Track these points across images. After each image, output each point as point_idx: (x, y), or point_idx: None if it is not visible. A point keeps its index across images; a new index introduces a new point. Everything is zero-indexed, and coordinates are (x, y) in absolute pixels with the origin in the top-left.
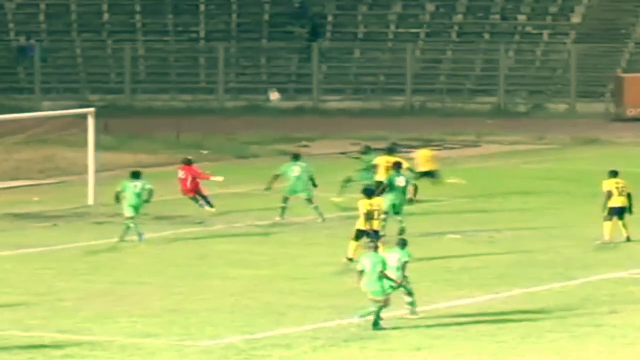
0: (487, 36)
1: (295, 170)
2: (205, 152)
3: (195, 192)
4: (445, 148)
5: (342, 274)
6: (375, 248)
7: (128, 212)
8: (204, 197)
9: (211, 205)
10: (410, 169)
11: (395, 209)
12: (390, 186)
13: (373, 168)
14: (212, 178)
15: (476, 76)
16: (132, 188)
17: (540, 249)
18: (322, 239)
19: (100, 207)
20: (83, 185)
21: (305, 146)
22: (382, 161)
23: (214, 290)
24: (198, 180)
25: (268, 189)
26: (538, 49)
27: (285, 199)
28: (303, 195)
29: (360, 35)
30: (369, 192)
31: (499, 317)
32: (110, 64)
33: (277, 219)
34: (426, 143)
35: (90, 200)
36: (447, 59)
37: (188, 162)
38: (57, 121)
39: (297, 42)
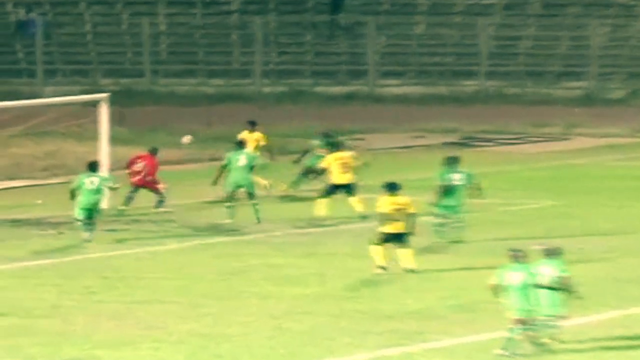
0: (575, 8)
1: (240, 159)
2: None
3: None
4: (526, 142)
5: (404, 291)
6: (523, 258)
7: (78, 214)
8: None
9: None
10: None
11: (452, 211)
12: (444, 185)
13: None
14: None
15: (563, 56)
16: (87, 184)
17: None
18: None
19: (116, 212)
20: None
21: (358, 139)
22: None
23: (251, 312)
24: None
25: (214, 183)
26: (637, 23)
27: (231, 197)
28: (244, 189)
29: (423, 8)
30: (392, 188)
31: (594, 345)
32: (125, 42)
33: (228, 221)
34: (498, 136)
35: (106, 204)
36: (527, 36)
37: (154, 152)
38: (63, 110)
39: (349, 15)
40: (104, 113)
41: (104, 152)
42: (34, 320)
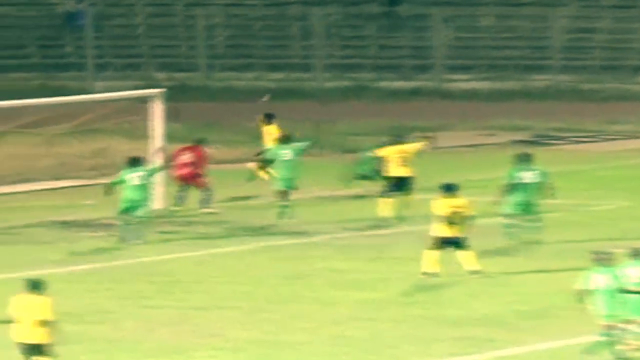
0: None
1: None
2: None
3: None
4: (601, 140)
5: (471, 296)
6: (608, 260)
7: (122, 211)
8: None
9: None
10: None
11: (524, 211)
12: (514, 182)
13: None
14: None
15: None
16: (130, 180)
17: None
18: (443, 254)
19: (170, 212)
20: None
21: (427, 137)
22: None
23: (313, 318)
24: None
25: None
26: None
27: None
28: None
29: None
30: (449, 189)
31: None
32: (180, 34)
33: (285, 221)
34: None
35: (159, 204)
36: (602, 28)
37: (201, 143)
38: (114, 106)
39: (414, 6)
40: (157, 109)
41: (156, 151)
42: (84, 327)
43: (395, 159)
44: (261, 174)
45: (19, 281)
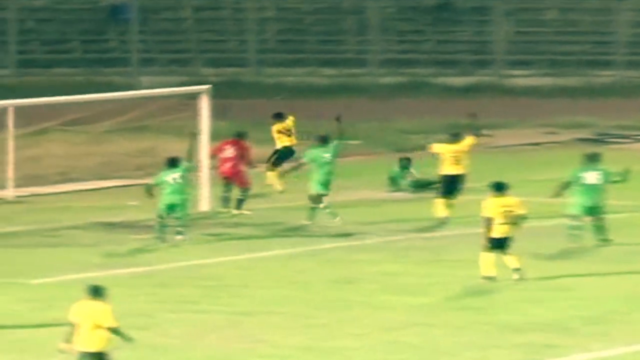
0: None
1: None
2: (354, 142)
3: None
4: None
5: (533, 301)
6: None
7: (161, 212)
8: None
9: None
10: None
11: (589, 212)
12: (578, 183)
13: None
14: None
15: None
16: (169, 181)
17: None
18: (503, 257)
19: (218, 214)
20: (194, 186)
21: (486, 136)
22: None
23: (365, 324)
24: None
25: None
26: None
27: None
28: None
29: None
30: (500, 188)
31: None
32: (229, 28)
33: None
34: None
35: (205, 206)
36: None
37: (242, 137)
38: (160, 103)
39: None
40: (204, 106)
41: (205, 149)
42: (128, 332)
43: (449, 157)
44: (274, 176)
45: (59, 285)
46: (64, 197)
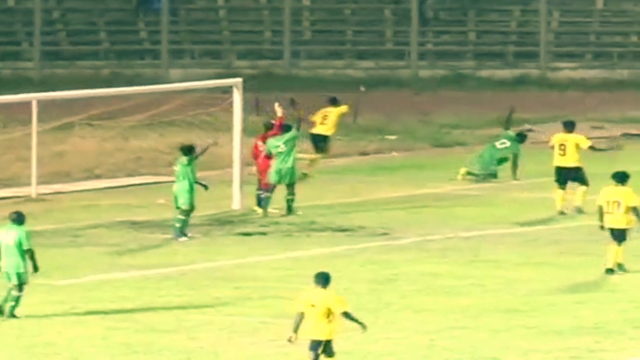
0: None
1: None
2: (392, 137)
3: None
4: None
5: (579, 303)
6: None
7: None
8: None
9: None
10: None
11: None
12: None
13: None
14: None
15: None
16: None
17: None
18: (550, 257)
19: (250, 212)
20: (226, 183)
21: (529, 130)
22: None
23: (402, 327)
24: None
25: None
26: None
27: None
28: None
29: None
30: (619, 178)
31: None
32: (264, 19)
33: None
34: None
35: (237, 204)
36: None
37: (269, 127)
38: (191, 96)
39: None
40: (237, 100)
41: (237, 145)
42: (157, 336)
43: (556, 148)
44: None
45: (84, 286)
46: (89, 195)
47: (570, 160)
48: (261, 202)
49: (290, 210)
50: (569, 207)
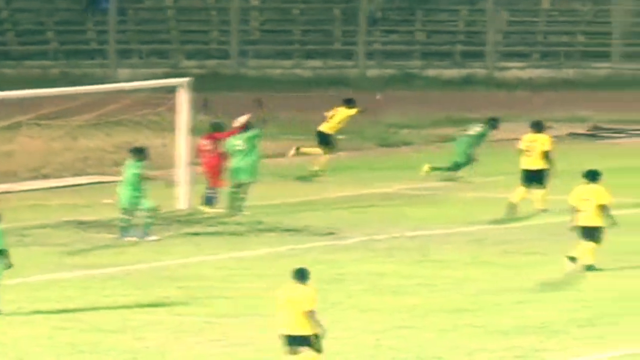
0: None
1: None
2: (340, 137)
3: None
4: None
5: (523, 303)
6: None
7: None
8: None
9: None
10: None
11: None
12: None
13: None
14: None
15: None
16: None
17: None
18: (497, 257)
19: (196, 212)
20: (171, 183)
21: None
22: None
23: (349, 326)
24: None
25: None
26: None
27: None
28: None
29: None
30: (590, 176)
31: None
32: (211, 19)
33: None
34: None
35: (183, 204)
36: None
37: (217, 127)
38: (139, 96)
39: None
40: (184, 100)
41: (183, 145)
42: (103, 336)
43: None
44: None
45: (31, 286)
46: (36, 195)
47: (535, 163)
48: (209, 201)
49: (237, 209)
50: (520, 205)
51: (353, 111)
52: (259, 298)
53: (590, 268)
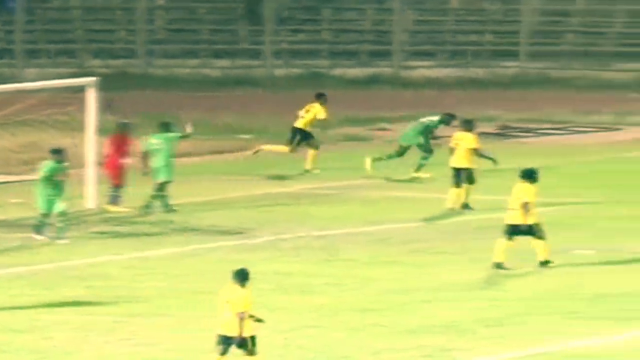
0: None
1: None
2: (246, 137)
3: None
4: (573, 132)
5: (432, 302)
6: None
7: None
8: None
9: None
10: None
11: None
12: None
13: None
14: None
15: (617, 34)
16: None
17: None
18: (403, 257)
19: (104, 212)
20: (80, 182)
21: (383, 129)
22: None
23: (258, 325)
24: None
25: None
26: None
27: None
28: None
29: None
30: (531, 175)
31: None
32: (118, 18)
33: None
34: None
35: (91, 203)
36: (576, 11)
37: (122, 128)
38: (45, 96)
39: None
40: (91, 99)
41: (90, 144)
42: (11, 336)
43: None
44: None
45: None
46: None
47: (460, 161)
48: (113, 200)
49: (148, 207)
50: (457, 204)
51: (324, 113)
52: (166, 298)
53: (545, 263)
